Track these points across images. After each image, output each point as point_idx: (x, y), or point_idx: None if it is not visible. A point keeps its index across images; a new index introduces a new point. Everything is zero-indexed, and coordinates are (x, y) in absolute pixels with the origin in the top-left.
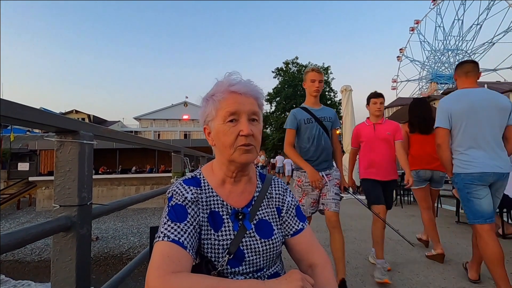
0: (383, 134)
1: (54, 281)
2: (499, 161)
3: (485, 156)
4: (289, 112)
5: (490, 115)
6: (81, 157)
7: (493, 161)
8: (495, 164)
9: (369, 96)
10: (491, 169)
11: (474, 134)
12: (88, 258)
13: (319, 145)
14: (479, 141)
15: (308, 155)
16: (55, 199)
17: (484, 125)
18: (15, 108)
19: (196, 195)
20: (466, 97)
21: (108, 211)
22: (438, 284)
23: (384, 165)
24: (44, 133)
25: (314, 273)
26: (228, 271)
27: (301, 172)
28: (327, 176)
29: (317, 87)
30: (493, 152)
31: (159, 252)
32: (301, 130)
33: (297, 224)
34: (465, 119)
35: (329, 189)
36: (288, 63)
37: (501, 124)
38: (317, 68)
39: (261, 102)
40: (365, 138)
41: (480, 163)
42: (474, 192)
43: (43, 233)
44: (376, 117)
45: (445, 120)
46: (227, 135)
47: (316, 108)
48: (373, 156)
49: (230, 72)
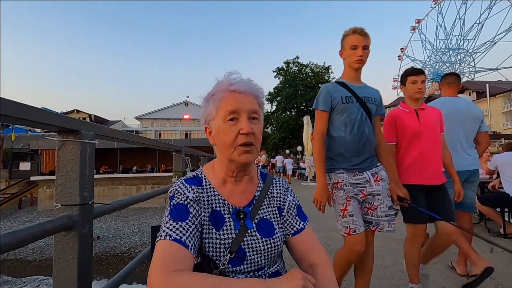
0: (429, 122)
1: (56, 280)
2: (471, 160)
3: (459, 157)
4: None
5: (465, 122)
6: (83, 157)
7: (465, 160)
8: (467, 162)
9: (405, 73)
10: (464, 168)
11: (451, 137)
12: (90, 257)
13: (362, 134)
14: (455, 143)
15: (343, 147)
16: (57, 198)
17: (459, 129)
18: (17, 108)
19: (198, 194)
20: (447, 104)
21: (109, 211)
22: (439, 284)
23: (433, 165)
24: (45, 133)
25: (315, 273)
26: (229, 270)
27: (338, 172)
28: (374, 179)
29: (360, 56)
30: (465, 153)
31: (161, 251)
32: (336, 112)
33: (298, 224)
34: (447, 124)
35: (381, 201)
36: (289, 63)
37: (474, 130)
38: (360, 29)
39: (262, 101)
40: (408, 128)
41: (454, 163)
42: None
43: (45, 232)
44: (416, 101)
45: None
46: (227, 133)
47: (358, 85)
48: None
49: (230, 71)
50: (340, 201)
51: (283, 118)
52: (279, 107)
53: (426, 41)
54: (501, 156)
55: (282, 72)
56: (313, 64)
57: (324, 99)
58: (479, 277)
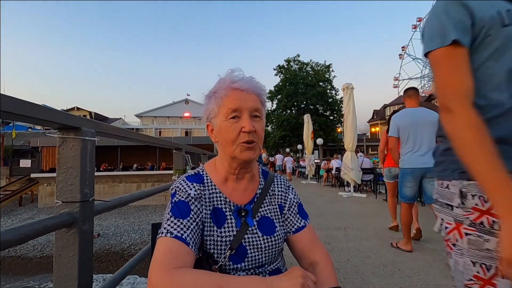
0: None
1: (57, 276)
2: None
3: (420, 157)
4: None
5: (425, 128)
6: (83, 154)
7: (425, 160)
8: (426, 162)
9: None
10: (422, 165)
11: (414, 141)
12: (90, 254)
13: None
14: (418, 146)
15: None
16: (58, 195)
17: (421, 135)
18: (18, 104)
19: (199, 192)
20: (409, 115)
21: (110, 208)
22: (439, 282)
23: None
24: (46, 130)
25: (315, 270)
26: (230, 267)
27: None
28: None
29: None
30: (427, 153)
31: (162, 248)
32: (485, 48)
33: (299, 222)
34: (409, 131)
35: None
36: (290, 61)
37: (433, 134)
38: None
39: (264, 98)
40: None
41: (414, 162)
42: (405, 181)
43: (46, 229)
44: None
45: (395, 131)
46: (229, 131)
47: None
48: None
49: (232, 69)
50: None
51: (284, 117)
52: (279, 105)
53: None
54: None
55: (282, 70)
56: (314, 63)
57: (455, 17)
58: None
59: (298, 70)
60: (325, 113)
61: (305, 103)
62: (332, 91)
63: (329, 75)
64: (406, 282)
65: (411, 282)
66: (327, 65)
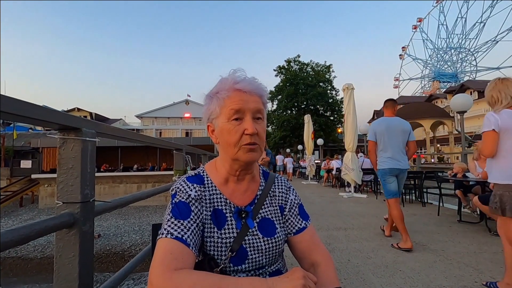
0: None
1: (58, 277)
2: (401, 161)
3: (393, 159)
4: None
5: (397, 134)
6: (84, 154)
7: (398, 161)
8: (398, 163)
9: None
10: (396, 166)
11: (388, 145)
12: (91, 254)
13: None
14: (391, 149)
15: None
16: (58, 196)
17: (393, 140)
18: (19, 105)
19: (200, 193)
20: (384, 122)
21: (110, 208)
22: (440, 283)
23: None
24: (46, 131)
25: (316, 271)
26: (231, 269)
27: None
28: None
29: None
30: (399, 156)
31: (162, 249)
32: None
33: (300, 223)
34: (383, 136)
35: None
36: (290, 61)
37: (404, 140)
38: None
39: (265, 100)
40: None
41: (390, 163)
42: (386, 178)
43: (47, 229)
44: None
45: (373, 136)
46: (232, 133)
47: None
48: None
49: (235, 69)
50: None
51: (284, 117)
52: (280, 105)
53: (428, 40)
54: None
55: (283, 70)
56: (314, 63)
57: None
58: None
59: (299, 71)
60: (325, 113)
61: (305, 104)
62: (332, 91)
63: (329, 76)
64: (407, 283)
65: (412, 283)
66: (328, 65)
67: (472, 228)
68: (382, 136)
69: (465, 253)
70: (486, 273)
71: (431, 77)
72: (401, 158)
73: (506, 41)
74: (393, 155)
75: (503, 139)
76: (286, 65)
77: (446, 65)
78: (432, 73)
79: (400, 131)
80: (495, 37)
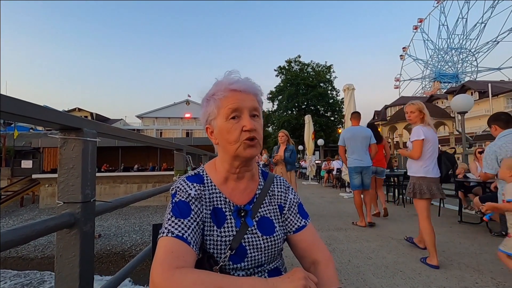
0: None
1: (58, 277)
2: (364, 160)
3: (357, 159)
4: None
5: (360, 140)
6: (85, 154)
7: (361, 161)
8: (361, 162)
9: None
10: (359, 164)
11: (353, 148)
12: (91, 254)
13: None
14: (355, 152)
15: None
16: (59, 196)
17: (358, 144)
18: (20, 105)
19: (200, 192)
20: (350, 131)
21: (111, 208)
22: (440, 284)
23: None
24: (47, 131)
25: (316, 270)
26: (230, 267)
27: None
28: None
29: None
30: (362, 156)
31: (163, 248)
32: None
33: (299, 221)
34: (350, 141)
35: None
36: (291, 62)
37: (366, 144)
38: None
39: (260, 98)
40: None
41: (355, 162)
42: (353, 175)
43: (47, 229)
44: None
45: (342, 142)
46: (231, 132)
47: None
48: None
49: (230, 71)
50: None
51: (284, 117)
52: (280, 106)
53: (429, 40)
54: None
55: (283, 71)
56: (315, 63)
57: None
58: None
59: (299, 71)
60: (326, 114)
61: (306, 104)
62: (333, 92)
63: (330, 76)
64: (408, 284)
65: (412, 284)
66: (328, 66)
67: (473, 229)
68: (349, 141)
69: (465, 254)
70: (487, 274)
71: (432, 78)
72: (363, 158)
73: (507, 42)
74: (357, 156)
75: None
76: (287, 66)
77: (447, 66)
78: (433, 73)
79: (363, 137)
80: (496, 37)
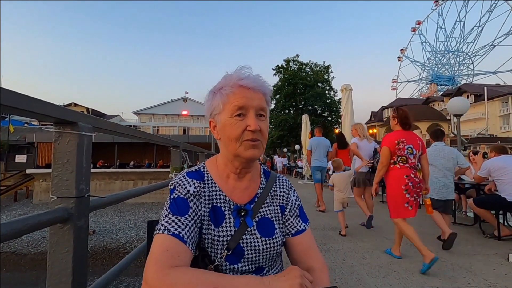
0: None
1: (51, 272)
2: (323, 162)
3: (319, 160)
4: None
5: (323, 147)
6: (80, 149)
7: (321, 162)
8: (321, 163)
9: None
10: (319, 164)
11: (316, 153)
12: (85, 250)
13: None
14: (318, 155)
15: None
16: (53, 190)
17: (320, 150)
18: (15, 98)
19: (199, 189)
20: (317, 140)
21: (106, 204)
22: (434, 284)
23: None
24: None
25: (312, 277)
26: (226, 267)
27: None
28: None
29: None
30: (322, 159)
31: (158, 245)
32: None
33: (299, 225)
34: (315, 147)
35: None
36: (289, 61)
37: (325, 150)
38: None
39: (269, 98)
40: None
41: (317, 163)
42: (315, 172)
43: (40, 224)
44: None
45: (310, 147)
46: (234, 128)
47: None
48: None
49: (242, 65)
50: None
51: (282, 116)
52: (278, 105)
53: (426, 42)
54: (493, 161)
55: (281, 70)
56: (313, 63)
57: None
58: None
59: (297, 70)
60: (323, 113)
61: (303, 104)
62: (330, 92)
63: (328, 76)
64: (401, 283)
65: (406, 283)
66: (326, 66)
67: (466, 230)
68: (314, 148)
69: (458, 255)
70: (480, 275)
71: (429, 80)
72: (323, 160)
73: (503, 46)
74: (318, 158)
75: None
76: (285, 65)
77: (443, 68)
78: (429, 76)
79: (324, 145)
80: (492, 41)
